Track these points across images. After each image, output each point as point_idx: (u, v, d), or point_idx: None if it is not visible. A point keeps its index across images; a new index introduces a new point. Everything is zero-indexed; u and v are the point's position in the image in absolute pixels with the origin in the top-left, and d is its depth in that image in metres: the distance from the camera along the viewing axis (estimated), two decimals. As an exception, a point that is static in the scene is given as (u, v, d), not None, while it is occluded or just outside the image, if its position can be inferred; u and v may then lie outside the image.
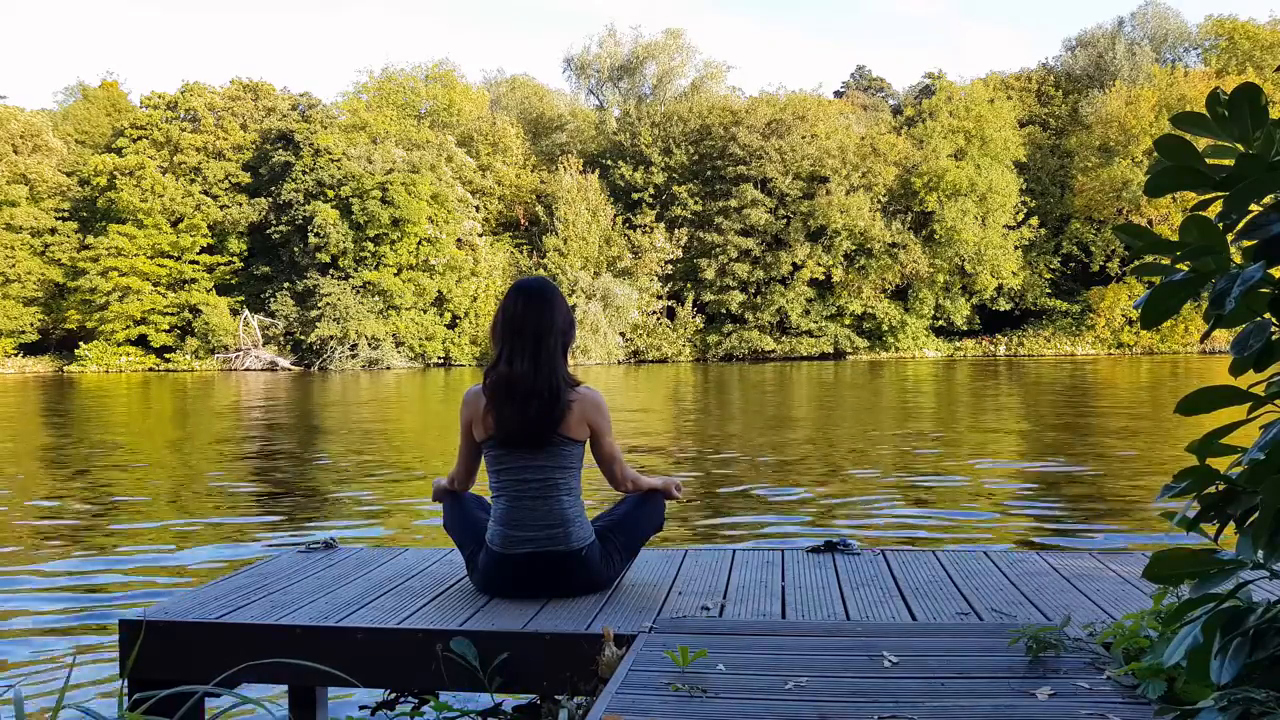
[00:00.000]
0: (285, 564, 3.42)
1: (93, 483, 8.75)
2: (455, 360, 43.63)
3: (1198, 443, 1.54)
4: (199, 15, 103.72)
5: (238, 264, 45.43)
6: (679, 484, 3.26)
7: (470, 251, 44.31)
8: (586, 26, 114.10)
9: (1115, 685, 1.99)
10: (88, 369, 42.50)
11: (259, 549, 5.62)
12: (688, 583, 3.08)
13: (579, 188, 45.04)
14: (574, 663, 2.49)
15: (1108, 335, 45.25)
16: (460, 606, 2.83)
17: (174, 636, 2.67)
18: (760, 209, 45.18)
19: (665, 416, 15.77)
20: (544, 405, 2.91)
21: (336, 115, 46.60)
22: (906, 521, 6.25)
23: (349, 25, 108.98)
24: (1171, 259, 1.49)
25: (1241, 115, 1.40)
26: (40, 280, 44.59)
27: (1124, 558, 3.36)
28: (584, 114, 52.12)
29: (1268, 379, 1.49)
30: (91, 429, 15.12)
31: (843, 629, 2.51)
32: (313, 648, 2.59)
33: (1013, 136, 47.52)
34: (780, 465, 9.29)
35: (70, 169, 46.99)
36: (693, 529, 6.11)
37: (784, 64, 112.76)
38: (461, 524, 3.14)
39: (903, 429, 12.75)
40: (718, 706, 1.94)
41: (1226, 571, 1.49)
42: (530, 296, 2.97)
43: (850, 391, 21.70)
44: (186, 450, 11.76)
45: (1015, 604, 2.77)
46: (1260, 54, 48.73)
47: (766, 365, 39.64)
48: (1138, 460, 9.25)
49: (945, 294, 46.42)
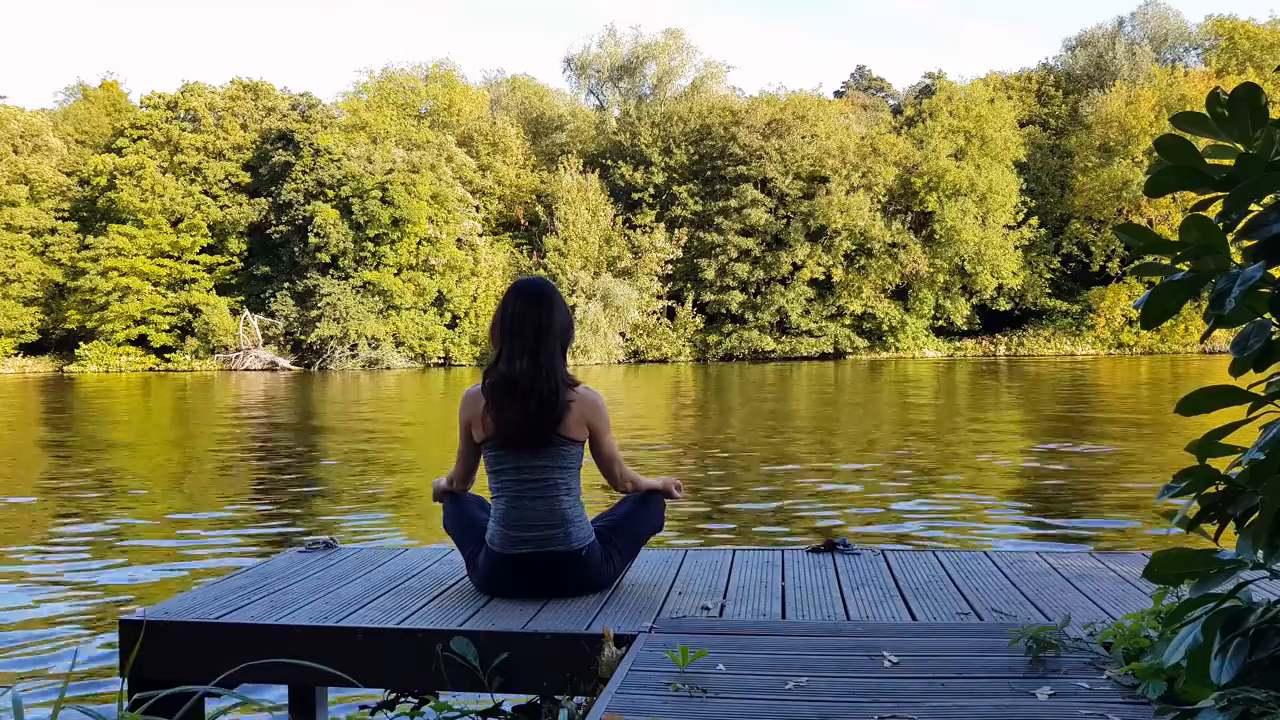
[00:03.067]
0: (285, 564, 3.42)
1: (93, 483, 8.75)
2: (455, 360, 43.62)
3: (1198, 443, 1.54)
4: (199, 15, 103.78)
5: (238, 264, 45.41)
6: (679, 484, 3.26)
7: (470, 251, 44.30)
8: (586, 26, 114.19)
9: (1115, 685, 1.99)
10: (88, 369, 42.50)
11: (259, 549, 5.62)
12: (688, 583, 3.08)
13: (579, 188, 45.02)
14: (574, 663, 2.49)
15: (1108, 335, 45.24)
16: (460, 606, 2.83)
17: (174, 636, 2.67)
18: (760, 209, 45.16)
19: (665, 417, 15.77)
20: (543, 405, 2.91)
21: (336, 115, 46.57)
22: (906, 521, 6.25)
23: (349, 25, 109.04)
24: (1171, 259, 1.49)
25: (1241, 115, 1.40)
26: (40, 280, 44.58)
27: (1124, 558, 3.36)
28: (584, 114, 52.09)
29: (1268, 379, 1.49)
30: (91, 429, 15.11)
31: (843, 629, 2.51)
32: (313, 648, 2.59)
33: (1013, 136, 47.50)
34: (780, 465, 9.29)
35: (70, 169, 46.97)
36: (693, 529, 6.11)
37: (784, 64, 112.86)
38: (461, 524, 3.14)
39: (903, 429, 12.75)
40: (718, 706, 1.94)
41: (1226, 571, 1.49)
42: (529, 297, 2.97)
43: (850, 391, 21.70)
44: (187, 450, 11.76)
45: (1015, 604, 2.77)
46: (1260, 54, 48.70)
47: (766, 365, 39.64)
48: (1138, 460, 9.25)
49: (945, 294, 46.40)
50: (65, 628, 4.19)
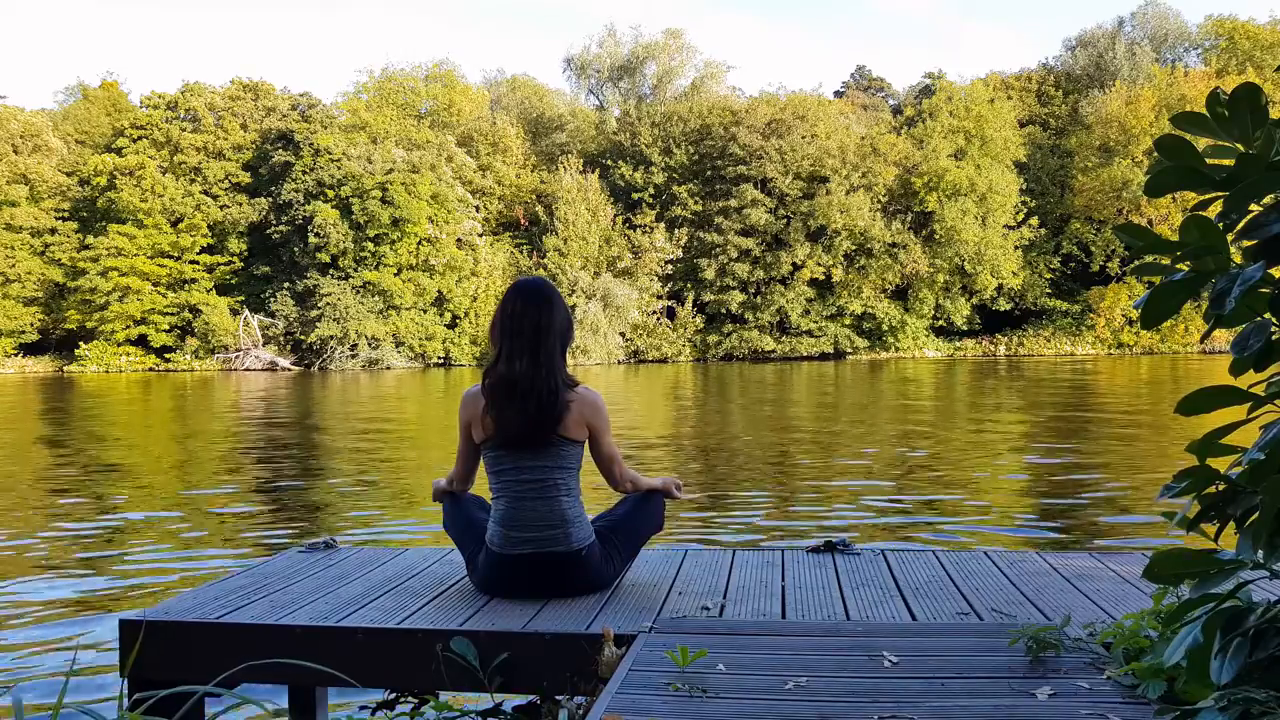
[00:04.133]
0: (285, 564, 3.42)
1: (93, 483, 8.75)
2: (455, 360, 43.61)
3: (1198, 443, 1.54)
4: (199, 15, 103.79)
5: (238, 264, 45.41)
6: (679, 483, 3.25)
7: (470, 251, 44.29)
8: (586, 26, 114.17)
9: (1115, 685, 1.99)
10: (88, 369, 42.50)
11: (259, 549, 5.62)
12: (688, 583, 3.08)
13: (579, 188, 45.01)
14: (574, 663, 2.49)
15: (1108, 335, 45.24)
16: (460, 606, 2.83)
17: (174, 636, 2.67)
18: (760, 209, 45.16)
19: (665, 417, 15.77)
20: (542, 406, 2.91)
21: (336, 115, 46.57)
22: (906, 521, 6.25)
23: (349, 25, 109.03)
24: (1171, 259, 1.49)
25: (1241, 115, 1.40)
26: (40, 280, 44.57)
27: (1124, 558, 3.36)
28: (584, 114, 52.08)
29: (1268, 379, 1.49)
30: (91, 429, 15.11)
31: (843, 629, 2.51)
32: (313, 648, 2.59)
33: (1013, 136, 47.49)
34: (780, 465, 9.29)
35: (70, 169, 46.97)
36: (693, 529, 6.11)
37: (784, 64, 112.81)
38: (461, 524, 3.14)
39: (903, 428, 12.75)
40: (718, 706, 1.94)
41: (1226, 571, 1.49)
42: (529, 297, 2.97)
43: (850, 391, 21.70)
44: (187, 450, 11.76)
45: (1015, 604, 2.77)
46: (1260, 54, 48.70)
47: (766, 365, 39.64)
48: (1138, 459, 9.25)
49: (945, 294, 46.40)
50: (65, 628, 4.19)
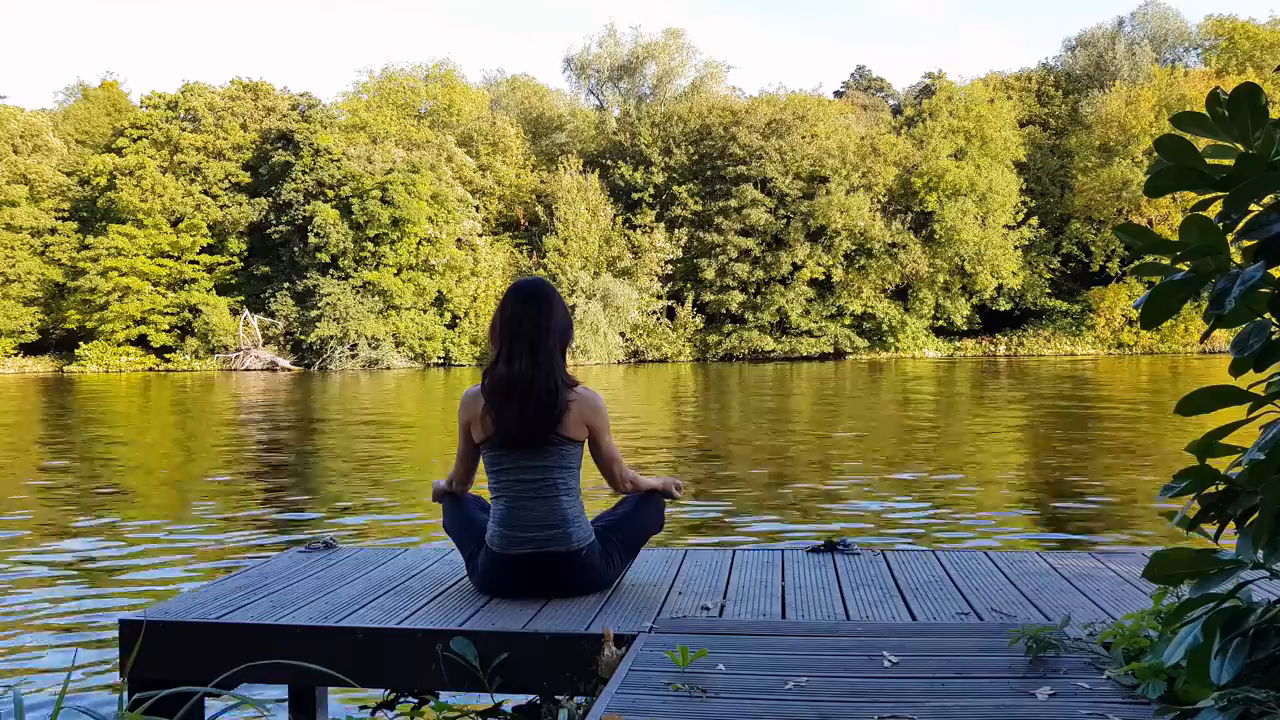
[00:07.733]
0: (285, 564, 3.42)
1: (93, 482, 8.75)
2: (455, 360, 43.60)
3: (1198, 443, 1.54)
4: (199, 15, 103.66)
5: (238, 264, 45.38)
6: (679, 483, 3.25)
7: (470, 251, 44.28)
8: (586, 26, 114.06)
9: (1115, 685, 1.99)
10: (87, 369, 42.49)
11: (259, 549, 5.62)
12: (688, 583, 3.08)
13: (579, 188, 45.00)
14: (574, 663, 2.49)
15: (1108, 335, 45.23)
16: (460, 606, 2.83)
17: (174, 636, 2.67)
18: (760, 209, 45.15)
19: (665, 417, 15.76)
20: (542, 406, 2.91)
21: (336, 115, 46.56)
22: (906, 521, 6.25)
23: (348, 25, 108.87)
24: (1171, 259, 1.49)
25: (1241, 115, 1.40)
26: (40, 280, 44.56)
27: (1124, 558, 3.36)
28: (584, 114, 52.07)
29: (1268, 379, 1.49)
30: (91, 429, 15.11)
31: (842, 629, 2.51)
32: (313, 648, 2.59)
33: (1013, 136, 47.48)
34: (780, 464, 9.29)
35: (70, 169, 46.95)
36: (693, 529, 6.11)
37: (784, 64, 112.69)
38: (461, 525, 3.14)
39: (902, 428, 12.75)
40: (718, 706, 1.93)
41: (1226, 571, 1.49)
42: (528, 297, 2.97)
43: (850, 391, 21.70)
44: (187, 450, 11.76)
45: (1015, 604, 2.77)
46: (1260, 54, 48.69)
47: (766, 365, 39.63)
48: (1138, 459, 9.25)
49: (945, 294, 46.38)
50: (65, 627, 4.19)
